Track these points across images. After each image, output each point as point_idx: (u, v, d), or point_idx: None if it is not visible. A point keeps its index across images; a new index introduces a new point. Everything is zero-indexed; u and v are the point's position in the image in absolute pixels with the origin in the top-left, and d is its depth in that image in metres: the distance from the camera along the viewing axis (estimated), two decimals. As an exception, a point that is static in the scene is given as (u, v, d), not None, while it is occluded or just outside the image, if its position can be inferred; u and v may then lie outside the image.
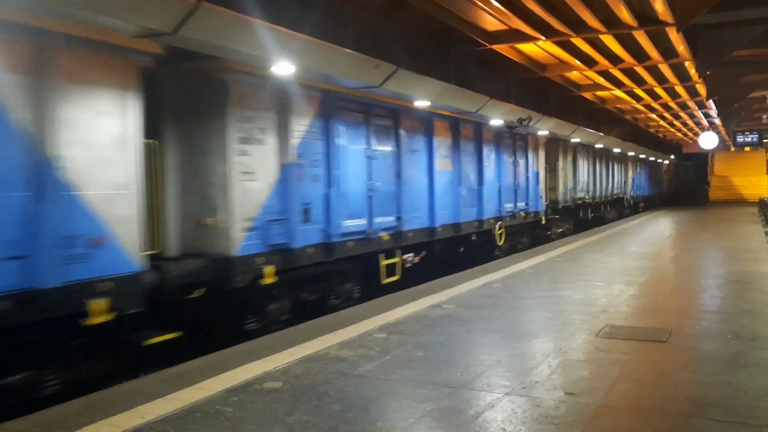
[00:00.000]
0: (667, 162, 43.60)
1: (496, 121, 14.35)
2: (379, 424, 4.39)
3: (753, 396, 4.89)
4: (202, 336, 7.40)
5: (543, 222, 18.35)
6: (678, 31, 11.03)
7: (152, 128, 6.96)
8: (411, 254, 11.79)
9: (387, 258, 10.91)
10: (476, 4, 9.80)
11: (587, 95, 19.22)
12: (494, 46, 11.90)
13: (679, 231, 21.56)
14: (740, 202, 41.31)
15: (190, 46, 6.60)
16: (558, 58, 14.19)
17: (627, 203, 30.85)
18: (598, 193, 25.05)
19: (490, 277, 10.76)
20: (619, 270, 11.61)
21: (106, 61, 6.07)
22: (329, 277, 9.56)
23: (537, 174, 18.01)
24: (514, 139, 16.42)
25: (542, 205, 18.25)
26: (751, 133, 32.08)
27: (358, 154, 10.22)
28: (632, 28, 10.96)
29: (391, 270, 11.01)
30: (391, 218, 10.96)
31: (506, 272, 11.30)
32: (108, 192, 6.05)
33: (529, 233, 17.68)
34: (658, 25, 10.87)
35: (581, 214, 23.24)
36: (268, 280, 8.00)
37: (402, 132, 11.28)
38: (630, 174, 32.11)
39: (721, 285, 10.42)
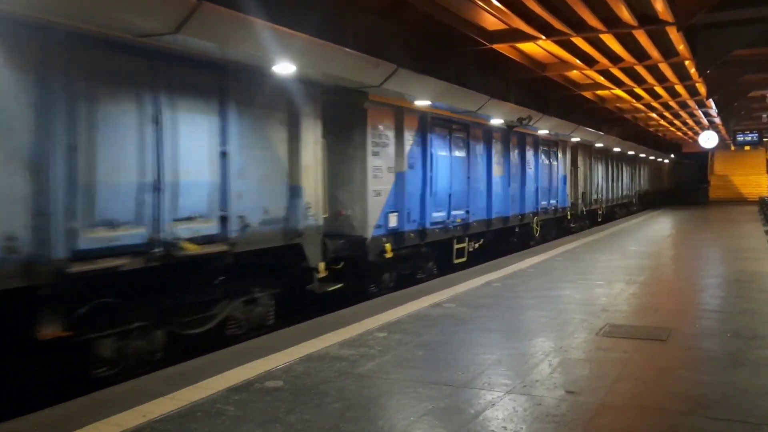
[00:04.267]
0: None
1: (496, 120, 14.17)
2: (380, 423, 4.40)
3: (753, 395, 4.90)
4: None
5: None
6: (678, 31, 11.04)
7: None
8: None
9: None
10: (476, 4, 9.80)
11: (587, 94, 19.23)
12: (494, 46, 11.91)
13: (679, 230, 21.57)
14: (740, 201, 41.32)
15: (192, 45, 6.60)
16: (558, 58, 14.20)
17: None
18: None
19: (491, 276, 10.76)
20: (619, 269, 11.62)
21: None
22: None
23: None
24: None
25: None
26: (751, 132, 32.10)
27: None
28: (632, 27, 10.97)
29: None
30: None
31: (506, 271, 11.31)
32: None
33: None
34: (658, 24, 10.88)
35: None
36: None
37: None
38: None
39: (721, 284, 10.44)
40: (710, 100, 19.90)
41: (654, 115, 26.08)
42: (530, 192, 17.28)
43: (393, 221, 10.77)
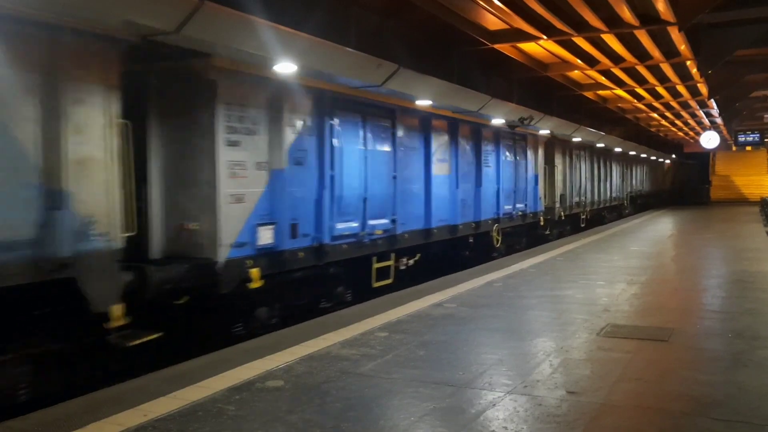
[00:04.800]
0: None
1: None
2: (381, 423, 4.40)
3: (755, 395, 4.89)
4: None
5: None
6: (680, 31, 11.03)
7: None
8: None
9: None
10: (478, 4, 9.80)
11: (589, 94, 19.22)
12: (496, 46, 11.90)
13: (680, 230, 21.54)
14: (741, 201, 41.31)
15: (193, 45, 6.59)
16: (560, 58, 14.20)
17: None
18: None
19: (492, 276, 10.76)
20: (620, 269, 11.60)
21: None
22: None
23: None
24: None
25: None
26: (752, 133, 32.05)
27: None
28: (634, 27, 10.97)
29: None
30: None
31: (508, 271, 11.30)
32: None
33: None
34: (659, 24, 10.88)
35: None
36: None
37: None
38: None
39: (723, 284, 10.42)
40: (712, 100, 19.87)
41: (655, 115, 26.06)
42: (489, 195, 14.36)
43: (266, 237, 7.90)
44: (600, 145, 23.31)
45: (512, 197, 15.88)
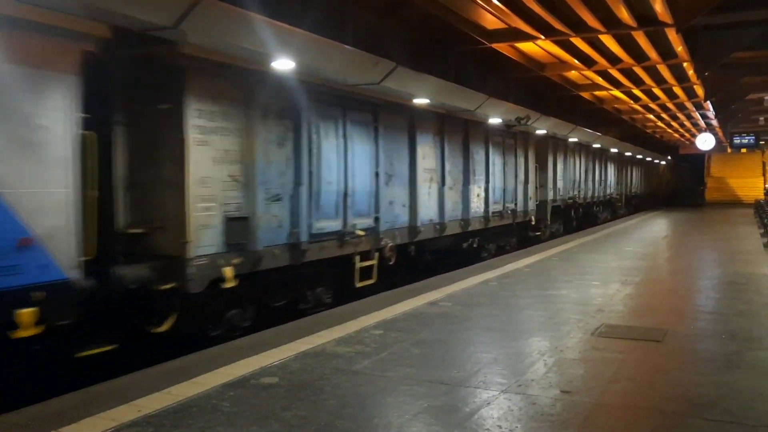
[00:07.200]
0: None
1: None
2: (375, 421, 4.40)
3: (748, 396, 4.91)
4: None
5: None
6: (677, 32, 11.06)
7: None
8: None
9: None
10: (476, 3, 9.80)
11: (585, 95, 19.25)
12: (494, 45, 11.91)
13: (675, 232, 21.61)
14: (736, 203, 41.43)
15: (191, 41, 6.58)
16: (557, 58, 14.21)
17: None
18: None
19: (487, 275, 10.77)
20: (615, 270, 11.63)
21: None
22: None
23: None
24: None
25: None
26: (747, 135, 32.21)
27: None
28: (631, 28, 10.99)
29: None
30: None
31: (503, 271, 11.32)
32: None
33: None
34: (657, 25, 10.90)
35: None
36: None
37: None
38: None
39: (717, 286, 10.45)
40: (708, 102, 19.93)
41: (651, 116, 26.13)
42: None
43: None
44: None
45: None
